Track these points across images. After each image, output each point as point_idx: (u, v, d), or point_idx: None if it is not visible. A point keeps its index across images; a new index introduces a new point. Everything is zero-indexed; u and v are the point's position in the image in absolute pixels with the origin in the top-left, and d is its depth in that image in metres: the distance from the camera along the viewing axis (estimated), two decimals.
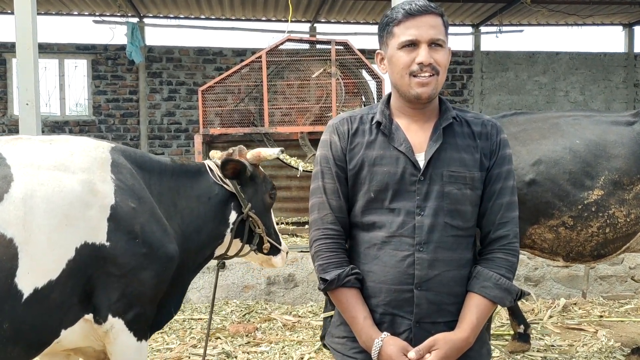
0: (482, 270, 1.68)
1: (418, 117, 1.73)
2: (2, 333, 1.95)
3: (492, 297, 1.65)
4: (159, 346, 4.26)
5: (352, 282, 1.69)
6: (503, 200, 1.71)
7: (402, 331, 1.67)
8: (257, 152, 2.86)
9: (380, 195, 1.69)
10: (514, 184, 1.75)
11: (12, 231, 1.95)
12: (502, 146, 1.75)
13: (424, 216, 1.66)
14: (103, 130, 10.42)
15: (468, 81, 11.33)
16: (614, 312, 5.12)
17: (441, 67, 1.67)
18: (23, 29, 4.58)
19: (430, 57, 1.64)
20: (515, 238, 1.71)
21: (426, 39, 1.64)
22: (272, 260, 2.95)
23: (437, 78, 1.67)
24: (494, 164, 1.72)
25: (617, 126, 3.45)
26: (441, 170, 1.67)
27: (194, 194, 2.61)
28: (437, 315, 1.67)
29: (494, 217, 1.71)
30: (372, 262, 1.70)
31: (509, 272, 1.69)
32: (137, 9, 9.89)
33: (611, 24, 11.61)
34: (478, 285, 1.66)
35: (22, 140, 2.21)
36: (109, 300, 2.18)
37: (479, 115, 1.80)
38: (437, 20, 1.67)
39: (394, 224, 1.67)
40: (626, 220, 3.33)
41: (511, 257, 1.70)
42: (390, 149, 1.70)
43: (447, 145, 1.69)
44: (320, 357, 4.07)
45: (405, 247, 1.66)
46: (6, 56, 10.13)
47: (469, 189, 1.68)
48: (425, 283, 1.65)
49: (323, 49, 6.40)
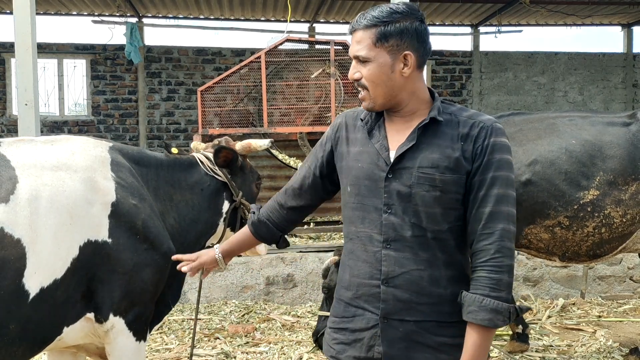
0: (466, 295, 1.61)
1: (398, 116, 1.74)
2: (8, 333, 1.98)
3: (479, 322, 1.56)
4: (158, 346, 4.26)
5: (251, 221, 1.99)
6: (485, 209, 1.61)
7: (371, 326, 1.69)
8: (247, 143, 2.90)
9: (354, 190, 1.73)
10: (506, 192, 1.62)
11: (20, 232, 1.98)
12: (491, 151, 1.63)
13: (391, 214, 1.66)
14: (102, 130, 10.42)
15: (467, 81, 11.34)
16: (613, 312, 5.13)
17: (368, 82, 1.68)
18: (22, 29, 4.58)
19: (354, 73, 1.70)
20: (499, 253, 1.58)
21: (352, 55, 1.70)
22: (257, 248, 2.98)
23: (369, 92, 1.69)
24: (478, 169, 1.63)
25: (613, 127, 3.46)
26: (411, 170, 1.65)
27: (188, 186, 2.68)
28: (405, 313, 1.65)
29: (476, 226, 1.62)
30: (349, 256, 1.76)
31: (495, 290, 1.57)
32: (136, 9, 9.89)
33: (610, 24, 11.63)
34: (465, 312, 1.60)
35: (25, 142, 2.24)
36: (112, 298, 2.21)
37: (475, 115, 1.71)
38: (365, 34, 1.66)
39: (365, 220, 1.70)
40: (622, 220, 3.34)
41: (494, 274, 1.57)
42: (369, 145, 1.73)
43: (423, 146, 1.66)
44: (318, 358, 4.08)
45: (374, 243, 1.68)
46: (5, 56, 10.13)
47: (439, 191, 1.63)
48: (392, 279, 1.66)
49: (322, 49, 6.40)
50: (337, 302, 1.82)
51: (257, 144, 2.89)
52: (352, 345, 1.73)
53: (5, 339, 1.98)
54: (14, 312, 1.97)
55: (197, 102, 7.10)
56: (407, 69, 1.67)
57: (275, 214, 1.97)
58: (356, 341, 1.73)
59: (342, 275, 1.80)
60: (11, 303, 1.96)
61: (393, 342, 1.67)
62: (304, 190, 1.91)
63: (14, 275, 1.95)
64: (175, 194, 2.60)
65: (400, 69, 1.67)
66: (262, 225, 1.98)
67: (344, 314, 1.77)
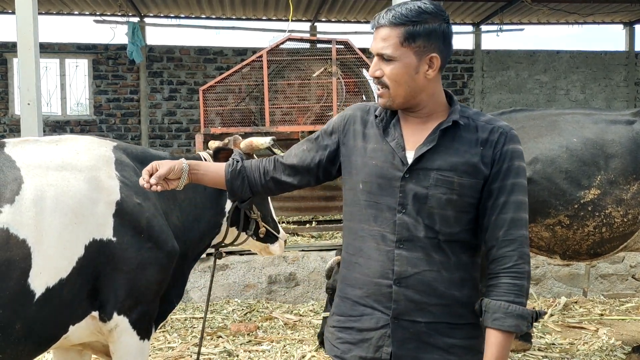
0: (489, 302, 1.61)
1: (415, 116, 1.72)
2: (15, 333, 1.99)
3: (507, 328, 1.58)
4: (161, 345, 4.27)
5: (231, 168, 1.89)
6: (507, 216, 1.63)
7: (380, 326, 1.68)
8: (249, 141, 2.92)
9: (367, 187, 1.70)
10: (524, 199, 1.65)
11: (25, 232, 1.99)
12: (510, 158, 1.65)
13: (405, 214, 1.64)
14: (104, 130, 10.43)
15: (469, 80, 11.33)
16: (615, 310, 5.13)
17: (389, 81, 1.65)
18: (24, 29, 4.58)
19: (375, 70, 1.66)
20: (521, 259, 1.61)
21: (375, 52, 1.67)
22: (270, 248, 3.01)
23: (388, 91, 1.66)
24: (497, 176, 1.64)
25: (616, 125, 3.43)
26: (430, 172, 1.64)
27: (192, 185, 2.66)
28: (417, 314, 1.65)
29: (498, 232, 1.63)
30: (358, 254, 1.72)
31: (519, 296, 1.60)
32: (137, 9, 9.90)
33: (612, 22, 11.60)
34: (490, 319, 1.60)
35: (30, 142, 2.25)
36: (116, 297, 2.22)
37: (493, 120, 1.71)
38: (392, 32, 1.62)
39: (378, 219, 1.68)
40: (623, 220, 3.32)
41: (518, 280, 1.61)
42: (383, 143, 1.71)
43: (442, 148, 1.65)
44: (322, 356, 4.08)
45: (387, 243, 1.66)
46: (7, 56, 10.14)
47: (455, 195, 1.63)
48: (405, 280, 1.64)
49: (324, 48, 6.40)
50: (342, 301, 1.79)
51: (259, 141, 2.91)
52: (358, 345, 1.72)
53: (12, 338, 1.99)
54: (20, 312, 1.98)
55: (198, 102, 7.10)
56: (432, 72, 1.65)
57: (256, 176, 1.89)
58: (363, 341, 1.71)
59: (348, 273, 1.77)
60: (17, 303, 1.97)
61: (403, 343, 1.66)
62: (295, 170, 1.87)
63: (19, 276, 1.97)
64: (179, 193, 2.60)
65: (425, 71, 1.65)
66: (239, 178, 1.89)
67: (350, 313, 1.75)
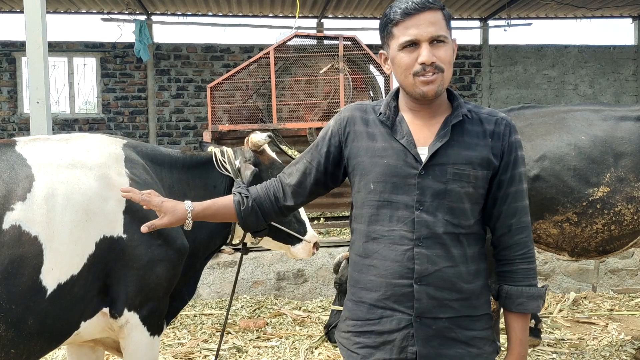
0: (510, 289, 1.72)
1: (425, 112, 1.70)
2: (27, 328, 2.01)
3: (531, 310, 1.71)
4: (171, 341, 4.30)
5: (241, 206, 1.81)
6: (518, 204, 1.70)
7: (403, 326, 1.65)
8: (249, 140, 2.88)
9: (379, 187, 1.67)
10: (525, 187, 1.73)
11: (37, 229, 2.01)
12: (516, 147, 1.71)
13: (423, 211, 1.63)
14: (112, 128, 10.49)
15: (476, 75, 11.29)
16: (625, 305, 5.12)
17: (445, 64, 1.61)
18: (33, 28, 4.61)
19: (431, 56, 1.59)
20: (531, 244, 1.73)
21: (426, 38, 1.59)
22: (291, 250, 2.92)
23: (442, 75, 1.61)
24: (507, 166, 1.69)
25: (626, 122, 3.37)
26: (446, 167, 1.64)
27: (202, 183, 2.68)
28: (438, 311, 1.64)
29: (510, 220, 1.70)
30: (373, 256, 1.69)
31: (534, 279, 1.73)
32: (144, 7, 9.93)
33: (620, 16, 11.52)
34: (514, 304, 1.71)
35: (40, 140, 2.27)
36: (126, 293, 2.24)
37: (494, 112, 1.74)
38: (437, 15, 1.60)
39: (394, 218, 1.65)
40: (633, 217, 3.29)
41: (532, 264, 1.73)
42: (392, 141, 1.68)
43: (454, 142, 1.66)
44: (329, 352, 4.10)
45: (405, 242, 1.64)
46: (16, 55, 10.21)
47: (471, 187, 1.65)
48: (425, 278, 1.63)
49: (330, 45, 6.40)
50: (357, 305, 1.74)
51: (256, 139, 2.87)
52: (380, 348, 1.69)
53: (25, 333, 2.02)
54: (32, 308, 2.01)
55: (206, 99, 7.12)
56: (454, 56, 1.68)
57: (268, 206, 1.84)
58: (385, 343, 1.68)
59: (362, 276, 1.73)
60: (30, 299, 1.99)
61: (427, 341, 1.65)
62: (302, 187, 1.83)
63: (32, 272, 1.99)
64: (190, 192, 2.61)
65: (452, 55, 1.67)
66: (253, 214, 1.83)
67: (367, 317, 1.71)
